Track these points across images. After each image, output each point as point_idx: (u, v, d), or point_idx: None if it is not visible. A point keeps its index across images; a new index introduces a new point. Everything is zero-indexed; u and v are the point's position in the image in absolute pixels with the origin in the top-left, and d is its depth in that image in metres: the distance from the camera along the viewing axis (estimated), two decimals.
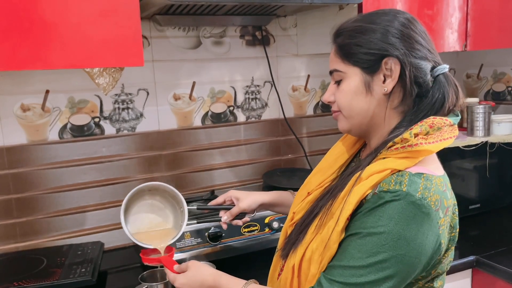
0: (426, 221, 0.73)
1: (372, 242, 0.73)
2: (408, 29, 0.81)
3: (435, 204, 0.74)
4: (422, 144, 0.77)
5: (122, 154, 1.53)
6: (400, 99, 0.83)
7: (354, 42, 0.82)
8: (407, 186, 0.74)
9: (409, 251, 0.73)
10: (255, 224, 1.35)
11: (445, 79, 0.83)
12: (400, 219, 0.72)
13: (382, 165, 0.78)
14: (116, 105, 1.51)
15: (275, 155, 1.78)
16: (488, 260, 1.33)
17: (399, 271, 0.73)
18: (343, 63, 0.84)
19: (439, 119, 0.80)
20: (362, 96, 0.83)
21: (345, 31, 0.85)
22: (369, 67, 0.82)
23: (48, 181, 1.44)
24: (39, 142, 1.42)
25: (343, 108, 0.86)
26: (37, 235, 1.44)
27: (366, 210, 0.76)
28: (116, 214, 1.53)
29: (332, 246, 0.78)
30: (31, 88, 1.40)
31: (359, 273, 0.74)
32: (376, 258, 0.73)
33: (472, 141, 1.61)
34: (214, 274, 0.91)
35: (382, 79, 0.82)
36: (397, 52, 0.79)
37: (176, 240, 1.23)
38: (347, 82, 0.84)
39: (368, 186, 0.77)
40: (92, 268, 1.24)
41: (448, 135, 0.80)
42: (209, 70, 1.63)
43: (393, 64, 0.80)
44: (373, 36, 0.81)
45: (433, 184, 0.76)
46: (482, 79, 2.03)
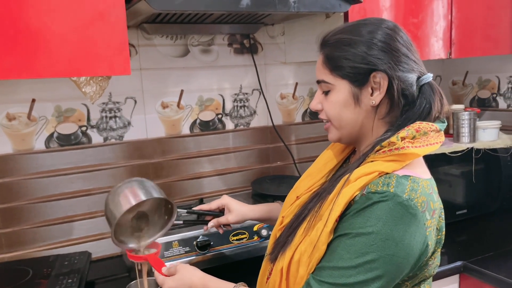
0: (413, 222, 0.75)
1: (360, 242, 0.75)
2: (394, 41, 0.83)
3: (422, 205, 0.76)
4: (409, 147, 0.79)
5: (109, 163, 1.52)
6: (387, 109, 0.85)
7: (342, 55, 0.83)
8: (395, 187, 0.76)
9: (397, 252, 0.74)
10: (244, 232, 1.34)
11: (430, 88, 0.85)
12: (388, 220, 0.74)
13: (370, 168, 0.80)
14: (103, 114, 1.50)
15: (264, 162, 1.79)
16: (475, 266, 1.34)
17: (387, 272, 0.74)
18: (331, 75, 0.85)
19: (425, 124, 0.82)
20: (351, 107, 0.85)
21: (333, 42, 0.85)
22: (357, 80, 0.83)
23: (35, 190, 1.43)
24: (25, 152, 1.41)
25: (333, 119, 0.88)
26: (23, 245, 1.42)
27: (354, 211, 0.77)
28: (104, 224, 1.51)
29: (321, 247, 0.79)
30: (17, 97, 1.38)
31: (348, 273, 0.75)
32: (365, 258, 0.74)
33: (458, 147, 1.63)
34: (203, 277, 0.92)
35: (370, 91, 0.83)
36: (385, 66, 0.81)
37: (165, 248, 1.24)
38: (335, 94, 0.85)
39: (356, 187, 0.78)
40: (78, 278, 1.22)
41: (435, 141, 0.82)
42: (197, 78, 1.63)
43: (381, 78, 0.82)
44: (361, 49, 0.82)
45: (419, 186, 0.78)
46: (467, 86, 2.06)
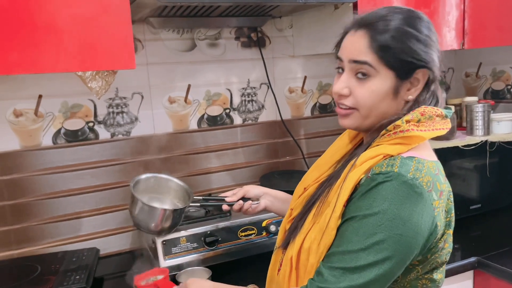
0: (420, 201, 0.74)
1: (368, 223, 0.74)
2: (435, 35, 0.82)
3: (427, 185, 0.75)
4: (414, 130, 0.79)
5: (117, 159, 1.51)
6: (413, 103, 0.83)
7: (397, 46, 0.78)
8: (399, 167, 0.75)
9: (406, 231, 0.73)
10: (252, 228, 1.32)
11: None
12: (393, 199, 0.73)
13: (375, 151, 0.79)
14: (110, 109, 1.49)
15: (272, 157, 1.76)
16: (489, 261, 1.31)
17: (397, 252, 0.73)
18: (378, 61, 0.79)
19: (430, 108, 0.81)
20: (388, 100, 0.81)
21: (385, 26, 0.79)
22: (403, 74, 0.80)
23: (42, 187, 1.42)
24: (32, 148, 1.41)
25: (363, 107, 0.81)
26: (32, 242, 1.42)
27: (360, 194, 0.77)
28: (112, 220, 1.52)
29: (330, 233, 0.78)
30: (23, 93, 1.38)
31: (358, 256, 0.74)
32: (374, 239, 0.73)
33: (471, 141, 1.59)
34: (213, 285, 0.92)
35: (409, 86, 0.82)
36: (431, 64, 0.80)
37: (173, 244, 1.23)
38: (378, 83, 0.80)
39: (361, 171, 0.78)
40: (86, 275, 1.22)
41: (441, 126, 0.82)
42: (204, 72, 1.61)
43: (422, 75, 0.81)
44: (419, 46, 0.79)
45: (424, 167, 0.77)
46: (481, 78, 2.01)
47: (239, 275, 1.27)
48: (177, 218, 1.16)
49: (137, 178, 1.19)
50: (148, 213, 1.12)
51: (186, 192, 1.23)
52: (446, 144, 1.53)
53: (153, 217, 1.12)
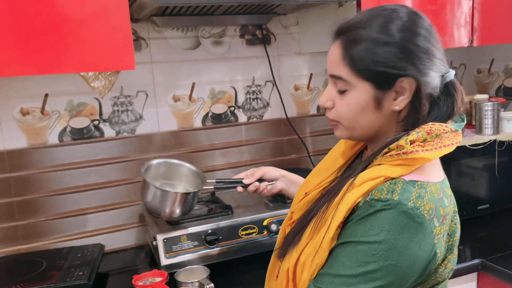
0: (419, 231, 0.71)
1: (362, 251, 0.71)
2: (427, 41, 0.75)
3: (429, 213, 0.72)
4: (418, 151, 0.74)
5: (122, 156, 1.53)
6: (408, 112, 0.78)
7: (369, 57, 0.74)
8: (399, 194, 0.72)
9: (401, 261, 0.70)
10: (253, 226, 1.33)
11: (453, 86, 0.79)
12: (391, 229, 0.70)
13: (375, 172, 0.75)
14: (115, 108, 1.51)
15: (277, 155, 1.76)
16: (494, 264, 1.29)
17: (391, 282, 0.71)
18: (352, 74, 0.76)
19: (438, 125, 0.75)
20: (370, 112, 0.77)
21: (357, 39, 0.75)
22: (382, 84, 0.75)
23: (49, 184, 1.45)
24: (39, 146, 1.43)
25: (344, 120, 0.80)
26: (38, 237, 1.46)
27: (357, 219, 0.74)
28: (117, 216, 1.55)
29: (322, 253, 0.76)
30: (30, 92, 1.40)
31: (348, 282, 0.72)
32: (366, 268, 0.71)
33: (480, 140, 1.56)
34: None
35: (394, 96, 0.76)
36: (415, 72, 0.74)
37: (173, 242, 1.24)
38: (355, 96, 0.77)
39: (360, 193, 0.75)
40: (89, 271, 1.24)
41: (450, 142, 0.76)
42: (209, 70, 1.61)
43: (408, 84, 0.75)
44: (391, 52, 0.73)
45: (427, 192, 0.73)
46: (493, 74, 1.97)
47: (240, 274, 1.27)
48: (191, 203, 1.16)
49: (148, 164, 1.19)
50: (161, 198, 1.11)
51: (198, 176, 1.23)
52: None
53: (166, 201, 1.12)
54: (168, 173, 1.26)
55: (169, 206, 1.13)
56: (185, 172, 1.27)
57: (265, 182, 1.14)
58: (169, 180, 1.26)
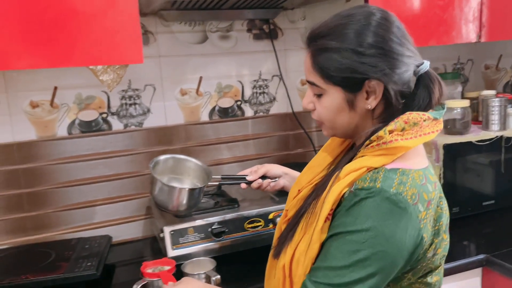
0: (403, 216, 0.73)
1: (351, 241, 0.74)
2: (387, 42, 0.77)
3: (412, 198, 0.74)
4: (398, 140, 0.77)
5: (129, 149, 1.55)
6: (383, 109, 0.81)
7: (333, 64, 0.78)
8: (381, 182, 0.74)
9: (389, 247, 0.73)
10: (259, 220, 1.34)
11: (429, 78, 0.81)
12: (376, 216, 0.73)
13: (358, 164, 0.79)
14: (123, 101, 1.52)
15: (283, 149, 1.77)
16: (498, 259, 1.29)
17: (381, 268, 0.73)
18: (323, 80, 0.81)
19: (415, 114, 0.78)
20: (345, 112, 0.82)
21: (320, 49, 0.80)
22: (350, 87, 0.80)
23: (58, 176, 1.47)
24: (48, 138, 1.45)
25: (326, 121, 0.86)
26: (47, 228, 1.48)
27: (344, 210, 0.76)
28: (124, 209, 1.56)
29: (313, 246, 0.78)
30: (39, 84, 1.42)
31: (342, 273, 0.74)
32: (357, 257, 0.73)
33: (486, 136, 1.56)
34: (203, 286, 0.93)
35: (365, 95, 0.80)
36: (379, 74, 0.77)
37: (180, 234, 1.26)
38: (328, 99, 0.82)
39: (344, 184, 0.77)
40: (97, 261, 1.26)
41: (430, 130, 0.79)
42: (216, 64, 1.62)
43: (376, 85, 0.78)
44: (350, 58, 0.77)
45: (409, 179, 0.76)
46: (501, 70, 1.96)
47: (245, 267, 1.29)
48: (197, 198, 1.18)
49: (156, 159, 1.22)
50: (168, 193, 1.14)
51: (205, 172, 1.25)
52: (459, 139, 1.50)
53: (172, 197, 1.15)
54: (175, 168, 1.27)
55: (175, 201, 1.16)
56: (192, 167, 1.28)
57: (268, 179, 1.17)
58: (177, 175, 1.28)
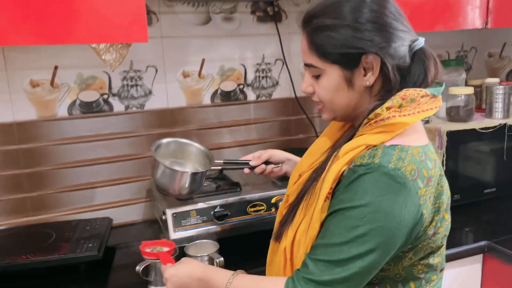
0: (402, 192, 0.73)
1: (350, 217, 0.74)
2: (382, 17, 0.78)
3: (411, 174, 0.74)
4: (395, 117, 0.77)
5: (130, 131, 1.53)
6: (381, 86, 0.82)
7: (328, 42, 0.79)
8: (380, 158, 0.75)
9: (388, 223, 0.73)
10: (262, 204, 1.33)
11: (424, 54, 0.82)
12: (375, 191, 0.73)
13: (357, 142, 0.79)
14: (124, 82, 1.50)
15: (285, 135, 1.76)
16: (500, 246, 1.30)
17: (380, 244, 0.73)
18: (320, 60, 0.81)
19: (412, 90, 0.79)
20: (344, 91, 0.82)
21: (315, 27, 0.81)
22: (348, 64, 0.80)
23: (58, 156, 1.46)
24: (48, 118, 1.43)
25: (326, 102, 0.86)
26: (47, 209, 1.46)
27: (343, 187, 0.77)
28: (125, 191, 1.55)
29: (314, 225, 0.79)
30: (39, 63, 1.39)
31: (341, 249, 0.74)
32: (356, 232, 0.73)
33: (490, 123, 1.55)
34: (203, 266, 0.92)
35: (363, 72, 0.80)
36: (375, 48, 0.78)
37: (183, 217, 1.25)
38: (326, 79, 0.82)
39: (343, 162, 0.78)
40: (99, 243, 1.25)
41: (428, 107, 0.80)
42: (219, 47, 1.60)
43: (373, 60, 0.79)
44: (347, 33, 0.78)
45: (408, 155, 0.76)
46: (504, 59, 1.95)
47: (247, 250, 1.28)
48: (199, 182, 1.18)
49: (158, 142, 1.21)
50: (170, 176, 1.14)
51: (207, 156, 1.25)
52: (463, 126, 1.50)
53: (174, 180, 1.15)
54: (177, 151, 1.27)
55: (177, 185, 1.16)
56: (194, 151, 1.28)
57: (271, 165, 1.16)
58: (178, 159, 1.27)
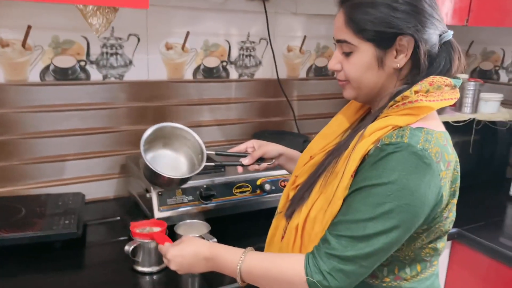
0: (428, 172, 0.75)
1: (377, 193, 0.75)
2: (419, 0, 0.80)
3: (436, 156, 0.76)
4: (422, 100, 0.78)
5: (107, 103, 1.44)
6: (409, 70, 0.84)
7: (367, 18, 0.80)
8: (409, 138, 0.76)
9: (413, 201, 0.74)
10: (247, 185, 1.32)
11: (451, 46, 0.84)
12: (403, 169, 0.74)
13: (384, 122, 0.79)
14: (104, 49, 1.40)
15: (264, 116, 1.74)
16: (469, 233, 1.38)
17: (404, 221, 0.75)
18: (355, 37, 0.81)
19: (439, 78, 0.81)
20: (374, 70, 0.83)
21: (355, 3, 0.81)
22: (383, 43, 0.81)
23: (26, 125, 1.34)
24: (18, 83, 1.31)
25: (353, 80, 0.86)
26: (12, 182, 1.35)
27: (369, 165, 0.77)
28: (97, 166, 1.47)
29: (337, 202, 0.79)
30: (11, 21, 1.26)
31: (366, 225, 0.75)
32: (382, 209, 0.74)
33: (461, 117, 1.63)
34: (209, 245, 0.89)
35: (395, 54, 0.81)
36: (412, 30, 0.79)
37: (168, 196, 1.21)
38: (359, 56, 0.83)
39: (370, 142, 0.78)
40: (76, 220, 1.18)
41: (449, 96, 0.82)
42: (205, 20, 1.53)
43: (407, 42, 0.80)
44: (386, 12, 0.79)
45: (433, 138, 0.78)
46: (470, 56, 2.05)
47: (232, 231, 1.27)
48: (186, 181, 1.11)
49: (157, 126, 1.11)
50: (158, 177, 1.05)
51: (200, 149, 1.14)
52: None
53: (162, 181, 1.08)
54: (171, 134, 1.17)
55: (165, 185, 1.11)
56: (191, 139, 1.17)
57: (264, 164, 1.13)
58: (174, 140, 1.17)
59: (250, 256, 0.83)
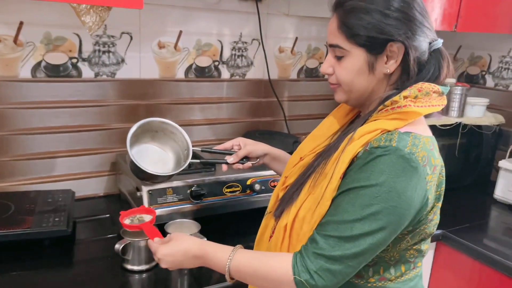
0: (415, 175, 0.77)
1: (365, 195, 0.76)
2: (411, 9, 0.82)
3: (423, 159, 0.78)
4: (411, 106, 0.81)
5: (98, 100, 1.44)
6: (399, 75, 0.86)
7: (361, 24, 0.81)
8: (397, 142, 0.78)
9: (400, 203, 0.76)
10: (237, 185, 1.33)
11: (440, 54, 0.86)
12: (391, 172, 0.76)
13: (373, 126, 0.82)
14: (96, 47, 1.40)
15: (254, 116, 1.75)
16: (453, 235, 1.41)
17: (390, 223, 0.77)
18: (347, 42, 0.83)
19: (427, 84, 0.83)
20: (364, 75, 0.85)
21: (348, 9, 0.83)
22: (374, 49, 0.83)
23: (17, 121, 1.33)
24: (8, 78, 1.30)
25: (344, 84, 0.87)
26: (1, 178, 1.35)
27: (357, 167, 0.79)
28: (87, 163, 1.47)
29: (325, 203, 0.81)
30: (3, 17, 1.26)
31: (353, 226, 0.77)
32: (370, 210, 0.76)
33: (447, 121, 1.66)
34: (199, 243, 0.88)
35: (385, 59, 0.83)
36: (402, 37, 0.81)
37: (159, 194, 1.21)
38: (350, 61, 0.85)
39: (359, 144, 0.80)
40: (66, 217, 1.18)
41: (437, 103, 0.84)
42: (198, 20, 1.54)
43: (398, 48, 0.82)
44: (377, 18, 0.81)
45: (421, 142, 0.80)
46: (458, 61, 2.08)
47: (222, 230, 1.28)
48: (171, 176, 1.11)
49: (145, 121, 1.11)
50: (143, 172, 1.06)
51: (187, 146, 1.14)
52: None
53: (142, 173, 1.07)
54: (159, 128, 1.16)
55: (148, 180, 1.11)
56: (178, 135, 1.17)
57: (249, 163, 1.13)
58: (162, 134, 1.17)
59: (239, 254, 0.84)
